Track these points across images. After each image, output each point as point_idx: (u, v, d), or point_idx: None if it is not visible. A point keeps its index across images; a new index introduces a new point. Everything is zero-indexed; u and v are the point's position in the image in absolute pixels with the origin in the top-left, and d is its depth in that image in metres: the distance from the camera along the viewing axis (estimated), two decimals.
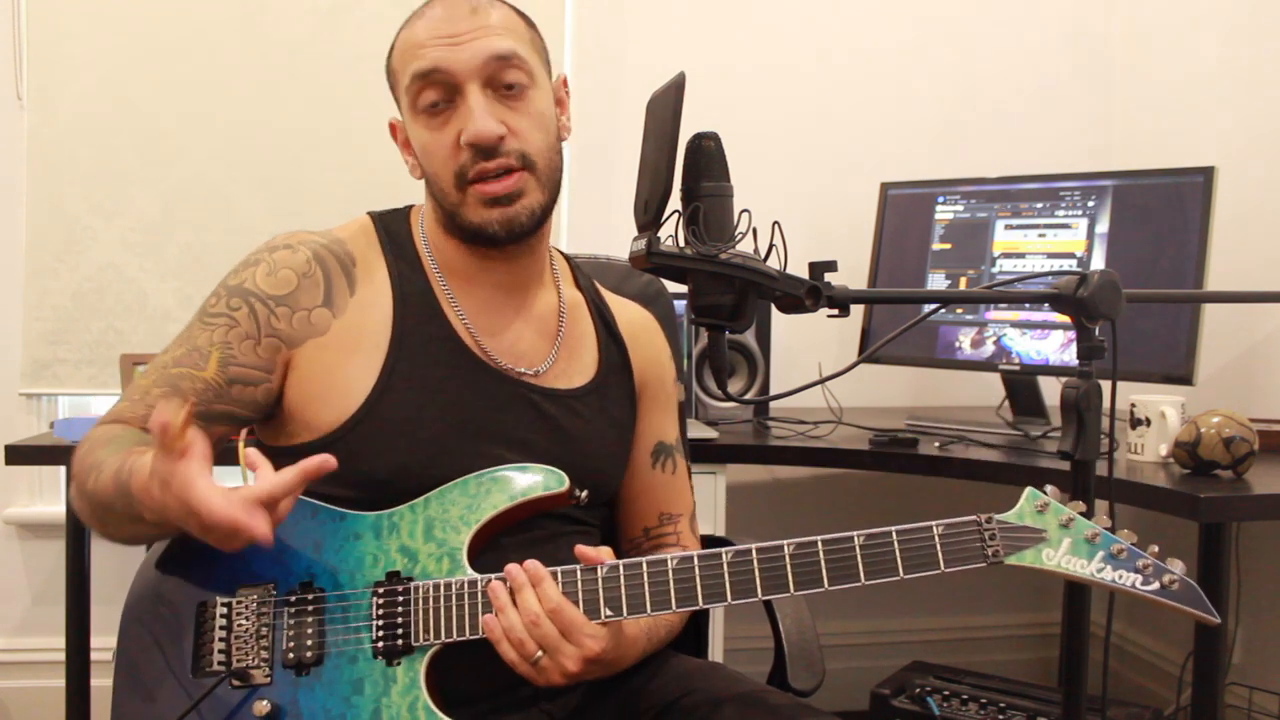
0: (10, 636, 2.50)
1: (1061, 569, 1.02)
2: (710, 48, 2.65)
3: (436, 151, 1.15)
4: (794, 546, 1.04)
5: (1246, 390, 2.31)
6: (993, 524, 1.04)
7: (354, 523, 1.14)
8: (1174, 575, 1.01)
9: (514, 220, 1.15)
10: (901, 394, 2.73)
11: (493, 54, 1.13)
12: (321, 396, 1.16)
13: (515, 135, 1.14)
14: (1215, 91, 2.48)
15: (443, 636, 1.08)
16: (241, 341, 1.15)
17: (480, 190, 1.14)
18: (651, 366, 1.35)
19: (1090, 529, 1.02)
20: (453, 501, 1.14)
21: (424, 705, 1.07)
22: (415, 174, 1.22)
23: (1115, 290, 1.07)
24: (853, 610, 2.76)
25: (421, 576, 1.11)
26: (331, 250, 1.20)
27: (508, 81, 1.14)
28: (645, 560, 1.07)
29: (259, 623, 1.11)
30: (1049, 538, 1.03)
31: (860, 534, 1.04)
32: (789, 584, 1.04)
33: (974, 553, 1.04)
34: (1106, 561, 1.01)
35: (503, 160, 1.13)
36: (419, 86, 1.14)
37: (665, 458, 1.35)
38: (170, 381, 1.15)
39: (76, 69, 2.33)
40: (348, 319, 1.17)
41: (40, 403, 2.46)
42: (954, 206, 2.38)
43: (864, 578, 1.03)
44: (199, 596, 1.13)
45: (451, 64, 1.12)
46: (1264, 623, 2.30)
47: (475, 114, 1.12)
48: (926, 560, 1.03)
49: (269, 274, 1.17)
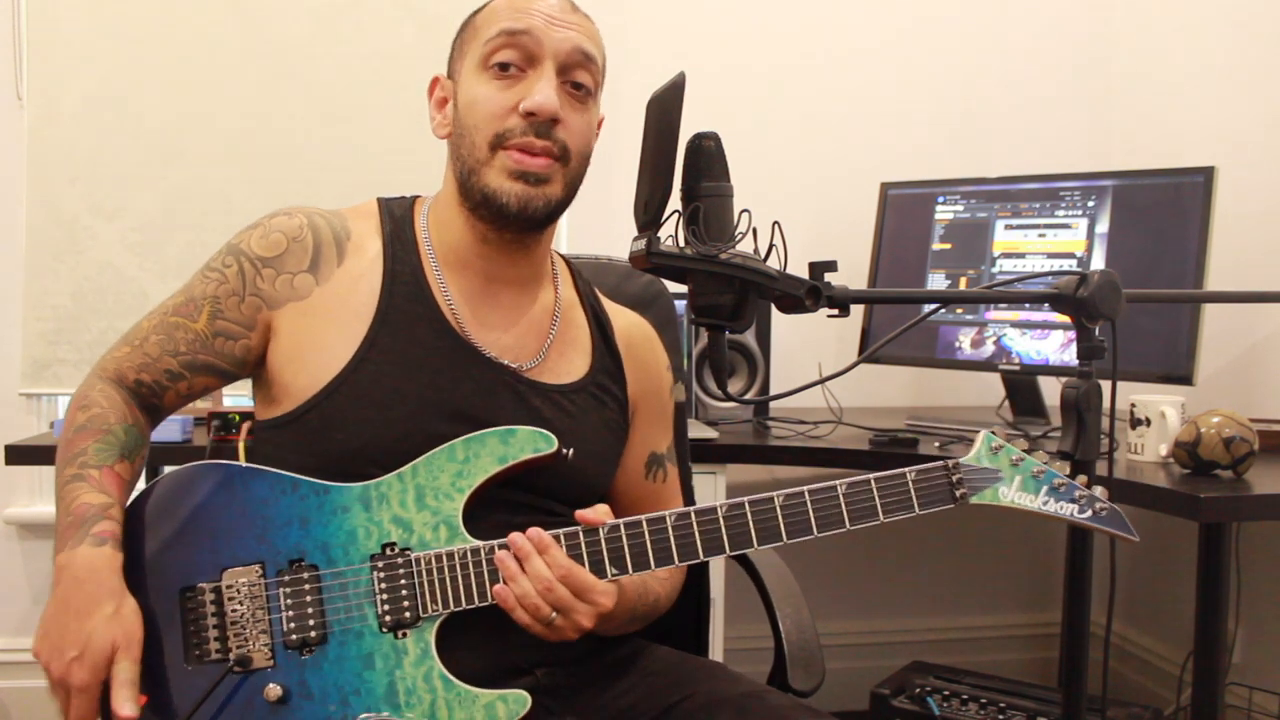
0: (10, 636, 2.50)
1: (1015, 504, 1.11)
2: (711, 48, 2.66)
3: (488, 107, 1.16)
4: (783, 497, 1.11)
5: (1246, 390, 2.31)
6: (959, 468, 1.12)
7: (339, 495, 1.13)
8: (1103, 504, 1.11)
9: (531, 201, 1.16)
10: (901, 394, 2.73)
11: (580, 48, 1.17)
12: (299, 360, 1.18)
13: (566, 127, 1.16)
14: (1215, 91, 2.48)
15: (450, 605, 1.09)
16: (229, 297, 1.20)
17: (514, 156, 1.15)
18: (648, 380, 1.34)
19: (1036, 465, 1.11)
20: (441, 468, 1.13)
21: (439, 674, 1.08)
22: (440, 132, 1.23)
23: (1115, 290, 1.07)
24: (853, 610, 2.76)
25: (419, 546, 1.11)
26: (329, 221, 1.23)
27: (578, 80, 1.18)
28: (645, 518, 1.10)
29: (254, 605, 1.10)
30: (1004, 476, 1.11)
31: (843, 481, 1.11)
32: (781, 533, 1.10)
33: (944, 494, 1.11)
34: (1050, 495, 1.11)
35: (548, 144, 1.15)
36: (503, 41, 1.16)
37: (657, 468, 1.36)
38: (167, 330, 1.22)
39: (76, 69, 2.33)
40: (331, 287, 1.19)
41: (40, 403, 2.47)
42: (954, 206, 2.38)
43: (849, 523, 1.11)
44: (180, 582, 1.12)
45: (543, 36, 1.15)
46: (1264, 623, 2.30)
47: (546, 88, 1.14)
48: (902, 502, 1.11)
49: (263, 236, 1.21)
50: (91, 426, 1.17)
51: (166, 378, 1.21)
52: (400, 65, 2.38)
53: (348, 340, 1.17)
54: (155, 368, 1.21)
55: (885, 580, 2.79)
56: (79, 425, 1.17)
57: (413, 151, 1.27)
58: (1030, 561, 2.87)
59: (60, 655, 1.06)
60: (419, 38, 2.40)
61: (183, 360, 1.21)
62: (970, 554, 2.85)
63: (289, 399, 1.18)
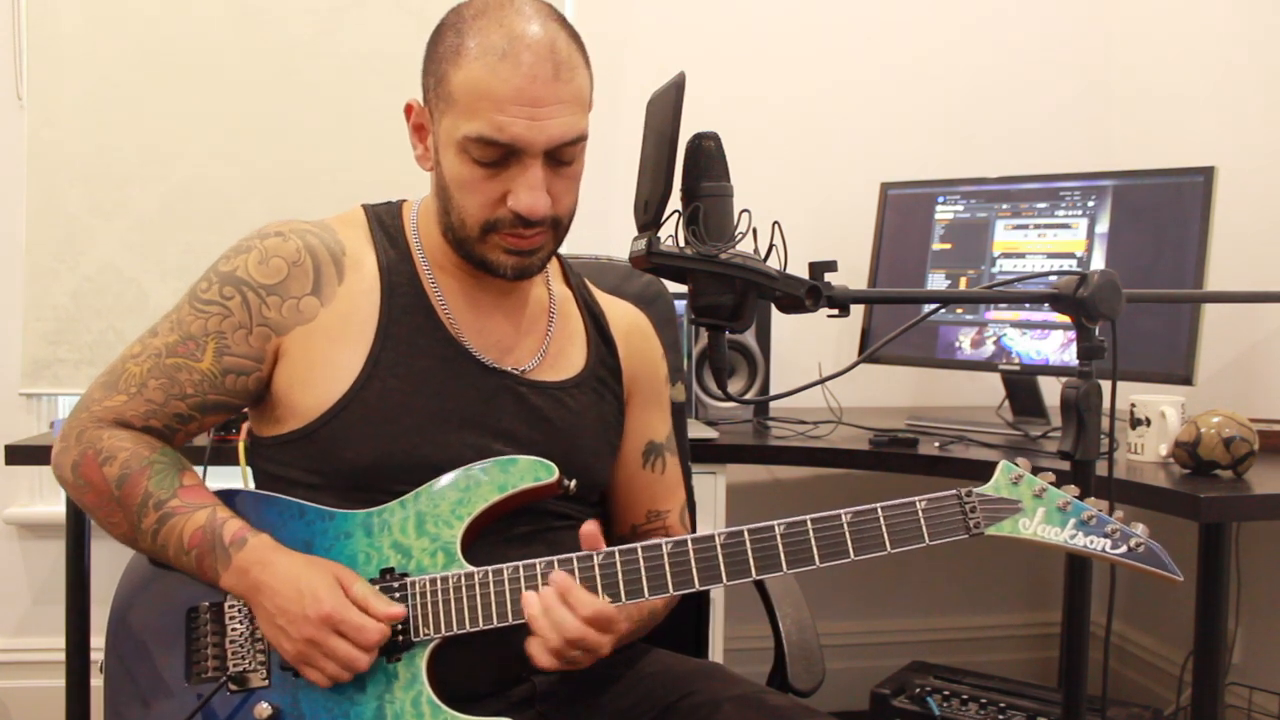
0: (10, 636, 2.50)
1: (1038, 537, 1.05)
2: (711, 47, 2.65)
3: (473, 195, 1.13)
4: (784, 526, 1.07)
5: (1246, 390, 2.31)
6: (972, 497, 1.06)
7: (343, 521, 1.13)
8: (1139, 539, 1.04)
9: (528, 269, 1.17)
10: (901, 394, 2.73)
11: (567, 138, 1.11)
12: (307, 382, 1.16)
13: (556, 203, 1.14)
14: (1215, 91, 2.48)
15: (443, 630, 1.09)
16: (235, 331, 1.15)
17: (507, 240, 1.14)
18: (643, 366, 1.34)
19: (1061, 498, 1.05)
20: (442, 496, 1.13)
21: (428, 699, 1.08)
22: (424, 164, 1.20)
23: (1115, 290, 1.07)
24: (853, 610, 2.76)
25: (417, 572, 1.11)
26: (322, 239, 1.20)
27: (567, 159, 1.13)
28: (640, 546, 1.08)
29: (252, 625, 1.11)
30: (1024, 508, 1.05)
31: (847, 511, 1.06)
32: (781, 563, 1.06)
33: (956, 525, 1.05)
34: (1078, 528, 1.04)
35: (539, 230, 1.14)
36: (483, 145, 1.09)
37: (655, 457, 1.35)
38: (167, 373, 1.15)
39: (76, 69, 2.33)
40: (335, 307, 1.17)
41: (40, 403, 2.47)
42: (954, 206, 2.38)
43: (853, 554, 1.06)
44: (188, 603, 1.14)
45: (525, 140, 1.09)
46: (1264, 623, 2.30)
47: (533, 190, 1.10)
48: (911, 534, 1.06)
49: (260, 262, 1.17)
50: (132, 470, 1.13)
51: (176, 421, 1.17)
52: (400, 65, 2.37)
53: (353, 358, 1.16)
54: (163, 413, 1.16)
55: (885, 580, 2.79)
56: (117, 478, 1.13)
57: (413, 151, 1.26)
58: (1030, 561, 2.87)
59: (305, 620, 1.05)
60: (419, 38, 2.39)
61: (191, 403, 1.16)
62: (970, 554, 2.85)
63: (294, 418, 1.17)
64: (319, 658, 1.05)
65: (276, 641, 1.08)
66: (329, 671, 1.06)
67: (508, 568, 1.09)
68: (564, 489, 1.16)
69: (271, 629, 1.08)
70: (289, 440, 1.17)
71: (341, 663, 1.05)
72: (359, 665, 1.05)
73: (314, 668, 1.06)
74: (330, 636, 1.05)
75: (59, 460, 1.17)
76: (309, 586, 1.06)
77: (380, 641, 1.06)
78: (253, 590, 1.09)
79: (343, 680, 1.06)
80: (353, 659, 1.05)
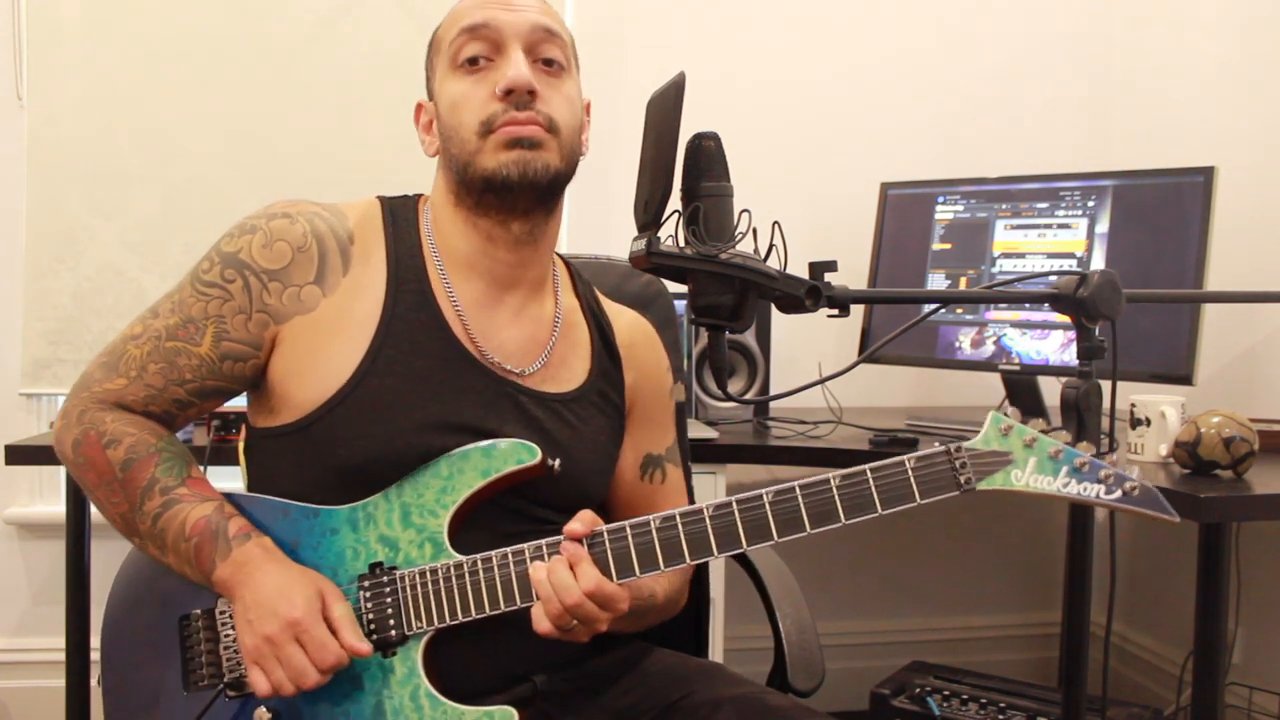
0: (10, 636, 2.50)
1: (1030, 488, 1.02)
2: (710, 47, 2.65)
3: (467, 102, 1.15)
4: (772, 494, 1.04)
5: (1246, 390, 2.31)
6: (962, 452, 1.04)
7: (328, 518, 1.13)
8: (1134, 482, 1.00)
9: (529, 165, 1.13)
10: (901, 394, 2.73)
11: (540, 24, 1.17)
12: (303, 374, 1.15)
13: (546, 100, 1.15)
14: (1215, 91, 2.48)
15: (435, 622, 1.08)
16: (234, 316, 1.14)
17: (504, 130, 1.13)
18: (646, 381, 1.33)
19: (1053, 446, 1.02)
20: (426, 485, 1.12)
21: (425, 692, 1.08)
22: (430, 150, 1.22)
23: (1115, 290, 1.07)
24: (853, 610, 2.76)
25: (405, 564, 1.10)
26: (330, 225, 1.18)
27: (547, 56, 1.17)
28: (629, 524, 1.07)
29: None
30: (1015, 459, 1.03)
31: (836, 474, 1.04)
32: (771, 531, 1.04)
33: (947, 481, 1.03)
34: (1071, 475, 1.01)
35: (532, 114, 1.14)
36: (465, 39, 1.16)
37: (654, 469, 1.34)
38: (166, 357, 1.15)
39: (76, 69, 2.33)
40: (338, 298, 1.16)
41: (40, 403, 2.46)
42: (954, 206, 2.37)
43: (844, 517, 1.03)
44: (180, 610, 1.13)
45: (501, 22, 1.16)
46: (1264, 623, 2.30)
47: (515, 64, 1.14)
48: (902, 494, 1.03)
49: (264, 245, 1.15)
50: (139, 456, 1.13)
51: (176, 407, 1.17)
52: (400, 65, 2.37)
53: (351, 353, 1.14)
54: (163, 399, 1.16)
55: (885, 580, 2.79)
56: (122, 462, 1.12)
57: (413, 151, 1.26)
58: (1030, 561, 2.87)
59: (273, 617, 1.05)
60: (419, 38, 2.39)
61: (190, 389, 1.16)
62: (970, 554, 2.85)
63: (289, 410, 1.16)
64: (270, 659, 1.05)
65: (240, 634, 1.08)
66: (274, 676, 1.05)
67: (496, 554, 1.09)
68: (549, 469, 1.15)
69: (241, 622, 1.08)
70: (283, 433, 1.16)
71: (291, 671, 1.04)
72: (306, 680, 1.04)
73: (262, 668, 1.05)
74: (289, 642, 1.04)
75: (60, 437, 1.17)
76: (289, 591, 1.06)
77: (336, 666, 1.05)
78: (240, 585, 1.08)
79: (285, 692, 1.05)
80: (302, 671, 1.04)
